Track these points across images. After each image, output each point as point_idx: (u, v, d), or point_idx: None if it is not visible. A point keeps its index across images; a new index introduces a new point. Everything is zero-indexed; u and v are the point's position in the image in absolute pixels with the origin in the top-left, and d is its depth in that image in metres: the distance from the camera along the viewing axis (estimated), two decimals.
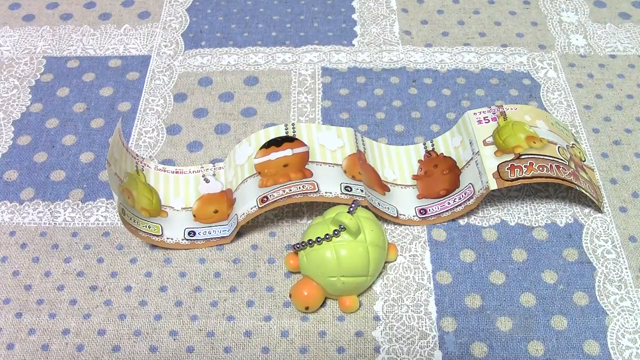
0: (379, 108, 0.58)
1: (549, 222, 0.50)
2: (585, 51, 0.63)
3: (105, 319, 0.44)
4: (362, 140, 0.52)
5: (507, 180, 0.46)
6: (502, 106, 0.51)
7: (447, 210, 0.49)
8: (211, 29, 0.65)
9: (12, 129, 0.56)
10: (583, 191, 0.48)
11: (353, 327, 0.44)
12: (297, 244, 0.44)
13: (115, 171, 0.45)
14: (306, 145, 0.49)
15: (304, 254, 0.44)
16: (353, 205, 0.45)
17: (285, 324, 0.44)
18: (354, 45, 0.64)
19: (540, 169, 0.47)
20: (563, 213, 0.50)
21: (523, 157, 0.47)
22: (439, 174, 0.51)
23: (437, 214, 0.49)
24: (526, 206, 0.51)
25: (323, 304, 0.45)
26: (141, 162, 0.50)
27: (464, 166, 0.50)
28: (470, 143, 0.50)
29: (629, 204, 0.51)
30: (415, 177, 0.51)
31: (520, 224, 0.50)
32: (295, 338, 0.44)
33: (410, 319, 0.44)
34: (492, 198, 0.51)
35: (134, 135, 0.56)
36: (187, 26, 0.66)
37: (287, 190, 0.46)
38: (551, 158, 0.47)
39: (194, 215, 0.49)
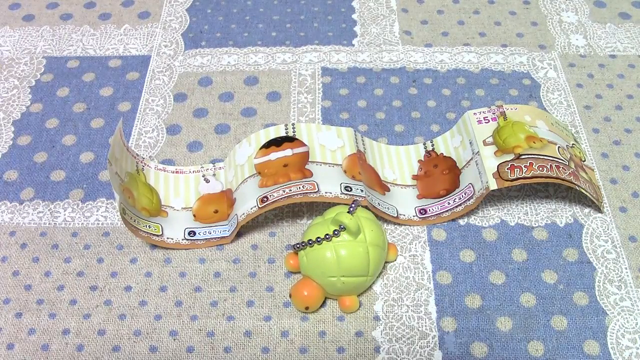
0: (379, 108, 0.58)
1: (549, 222, 0.50)
2: (585, 51, 0.63)
3: (105, 319, 0.44)
4: (362, 140, 0.52)
5: (507, 180, 0.46)
6: (502, 106, 0.51)
7: (447, 210, 0.49)
8: (211, 29, 0.65)
9: (12, 129, 0.56)
10: (583, 191, 0.48)
11: (353, 327, 0.44)
12: (297, 244, 0.44)
13: (116, 170, 0.45)
14: (306, 145, 0.49)
15: (304, 254, 0.44)
16: (353, 205, 0.45)
17: (285, 324, 0.44)
18: (354, 45, 0.64)
19: (540, 169, 0.47)
20: (563, 213, 0.50)
21: (523, 157, 0.47)
22: (439, 174, 0.51)
23: (437, 214, 0.49)
24: (526, 206, 0.51)
25: (323, 304, 0.45)
26: (141, 162, 0.50)
27: (464, 166, 0.50)
28: (470, 143, 0.50)
29: (629, 204, 0.51)
30: (415, 177, 0.51)
31: (520, 224, 0.50)
32: (295, 338, 0.44)
33: (410, 319, 0.44)
34: (492, 198, 0.51)
35: (134, 135, 0.56)
36: (187, 26, 0.66)
37: (287, 190, 0.46)
38: (551, 158, 0.47)
39: (194, 215, 0.49)
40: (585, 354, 0.43)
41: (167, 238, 0.48)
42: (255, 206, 0.46)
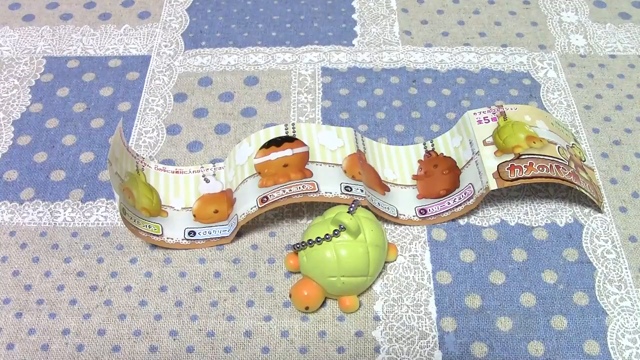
0: (379, 108, 0.58)
1: (549, 222, 0.50)
2: (585, 51, 0.63)
3: (105, 319, 0.44)
4: (362, 140, 0.52)
5: (507, 180, 0.46)
6: (502, 106, 0.51)
7: (447, 210, 0.49)
8: (211, 29, 0.65)
9: (12, 129, 0.56)
10: (583, 191, 0.48)
11: (353, 327, 0.44)
12: (297, 244, 0.44)
13: (116, 170, 0.45)
14: (306, 145, 0.49)
15: (304, 254, 0.44)
16: (353, 205, 0.45)
17: (285, 324, 0.44)
18: (354, 45, 0.64)
19: (540, 169, 0.47)
20: (563, 213, 0.50)
21: (523, 157, 0.47)
22: (439, 174, 0.51)
23: (437, 214, 0.49)
24: (526, 206, 0.51)
25: (323, 304, 0.45)
26: (141, 162, 0.50)
27: (464, 166, 0.50)
28: (470, 143, 0.50)
29: (629, 204, 0.51)
30: (415, 177, 0.51)
31: (520, 224, 0.50)
32: (295, 338, 0.44)
33: (410, 319, 0.44)
34: (492, 198, 0.51)
35: (134, 135, 0.56)
36: (187, 26, 0.66)
37: (287, 190, 0.46)
38: (551, 158, 0.47)
39: (194, 215, 0.49)
40: (585, 354, 0.43)
41: (167, 238, 0.48)
42: (255, 206, 0.46)
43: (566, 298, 0.45)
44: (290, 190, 0.46)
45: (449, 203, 0.49)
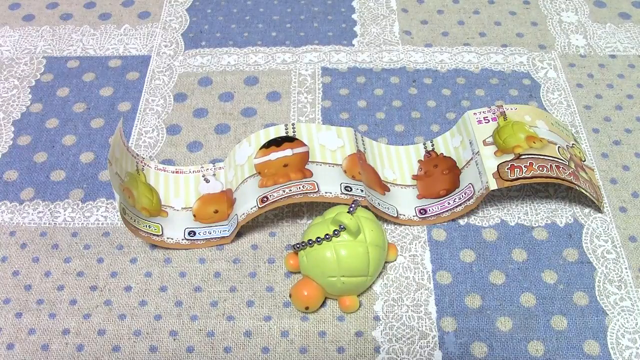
0: (379, 108, 0.58)
1: (549, 222, 0.50)
2: (585, 51, 0.63)
3: (105, 319, 0.44)
4: (362, 140, 0.52)
5: (507, 180, 0.46)
6: (502, 106, 0.51)
7: (447, 210, 0.49)
8: (211, 29, 0.65)
9: (12, 129, 0.56)
10: (583, 191, 0.48)
11: (353, 327, 0.44)
12: (297, 244, 0.44)
13: (116, 170, 0.45)
14: (306, 145, 0.49)
15: (304, 254, 0.44)
16: (353, 205, 0.45)
17: (285, 324, 0.44)
18: (354, 45, 0.64)
19: (540, 169, 0.47)
20: (563, 213, 0.50)
21: (523, 157, 0.47)
22: (439, 174, 0.51)
23: (437, 214, 0.49)
24: (526, 206, 0.51)
25: (323, 304, 0.45)
26: (141, 162, 0.50)
27: (464, 166, 0.50)
28: (470, 143, 0.50)
29: (629, 204, 0.51)
30: (415, 177, 0.51)
31: (520, 224, 0.50)
32: (295, 338, 0.44)
33: (410, 319, 0.44)
34: (492, 198, 0.51)
35: (134, 135, 0.56)
36: (187, 26, 0.66)
37: (287, 190, 0.46)
38: (551, 158, 0.47)
39: (194, 215, 0.49)
40: (585, 354, 0.43)
41: (167, 238, 0.48)
42: (255, 206, 0.46)
43: (566, 298, 0.45)
44: (290, 190, 0.46)
45: (449, 203, 0.49)
